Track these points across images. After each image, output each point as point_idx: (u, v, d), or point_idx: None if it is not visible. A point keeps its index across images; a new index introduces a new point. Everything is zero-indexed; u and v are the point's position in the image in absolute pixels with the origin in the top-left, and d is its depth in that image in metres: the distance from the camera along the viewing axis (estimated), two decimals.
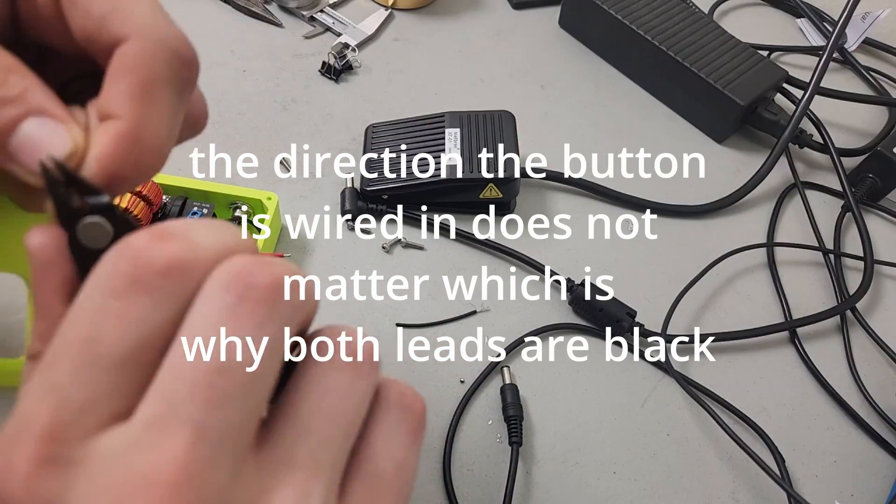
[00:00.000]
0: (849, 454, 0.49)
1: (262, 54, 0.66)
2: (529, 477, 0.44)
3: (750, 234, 0.61)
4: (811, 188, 0.66)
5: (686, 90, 0.67)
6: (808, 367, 0.53)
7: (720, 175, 0.65)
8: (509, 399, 0.46)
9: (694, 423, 0.48)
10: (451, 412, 0.46)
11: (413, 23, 0.73)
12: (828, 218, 0.63)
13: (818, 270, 0.59)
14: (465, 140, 0.56)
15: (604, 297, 0.51)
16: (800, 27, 0.83)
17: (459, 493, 0.43)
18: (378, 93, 0.65)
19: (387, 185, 0.54)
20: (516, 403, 0.46)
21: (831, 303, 0.56)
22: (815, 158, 0.68)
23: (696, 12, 0.72)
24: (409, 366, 0.48)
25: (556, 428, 0.47)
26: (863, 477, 0.48)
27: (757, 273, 0.58)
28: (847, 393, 0.51)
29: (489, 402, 0.47)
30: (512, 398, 0.46)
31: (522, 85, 0.69)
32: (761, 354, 0.53)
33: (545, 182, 0.60)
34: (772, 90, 0.67)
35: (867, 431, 0.50)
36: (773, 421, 0.49)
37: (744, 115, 0.65)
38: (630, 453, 0.46)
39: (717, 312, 0.55)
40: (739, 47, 0.68)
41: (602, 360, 0.51)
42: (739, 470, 0.46)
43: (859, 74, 0.78)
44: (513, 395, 0.46)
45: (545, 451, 0.46)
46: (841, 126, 0.72)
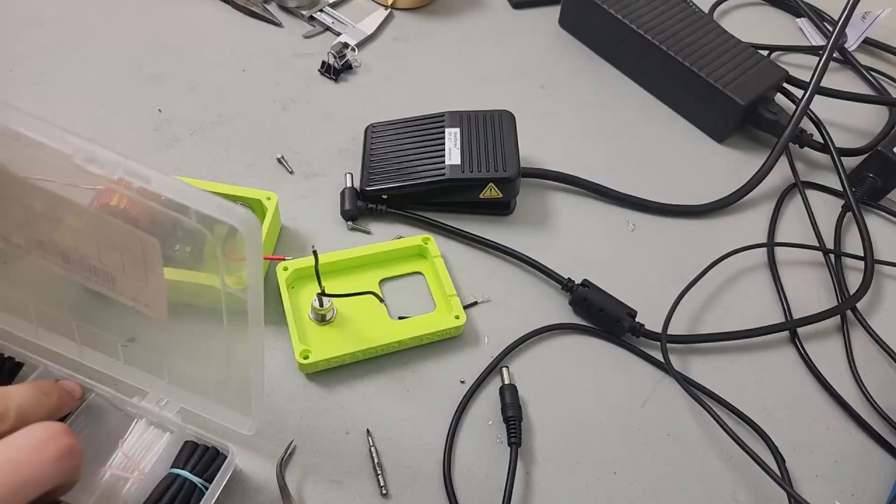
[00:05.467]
0: (849, 454, 0.49)
1: (262, 54, 0.66)
2: (529, 477, 0.44)
3: (750, 234, 0.61)
4: (811, 188, 0.66)
5: (686, 90, 0.67)
6: (808, 367, 0.52)
7: (720, 175, 0.65)
8: (508, 399, 0.46)
9: (694, 424, 0.48)
10: (451, 412, 0.46)
11: (413, 22, 0.73)
12: (828, 218, 0.63)
13: (818, 270, 0.59)
14: (465, 140, 0.56)
15: (604, 297, 0.51)
16: (800, 27, 0.83)
17: (459, 494, 0.43)
18: (378, 92, 0.65)
19: (387, 185, 0.54)
20: (515, 404, 0.45)
21: (831, 303, 0.56)
22: (816, 158, 0.68)
23: (697, 12, 0.72)
24: (410, 365, 0.48)
25: (556, 428, 0.47)
26: (863, 477, 0.48)
27: (757, 273, 0.58)
28: (847, 393, 0.51)
29: (489, 402, 0.47)
30: (511, 399, 0.46)
31: (522, 85, 0.69)
32: (761, 354, 0.53)
33: (545, 182, 0.60)
34: (772, 90, 0.67)
35: (867, 431, 0.50)
36: (774, 421, 0.49)
37: (744, 114, 0.65)
38: (630, 453, 0.46)
39: (717, 312, 0.55)
40: (740, 47, 0.68)
41: (602, 360, 0.50)
42: (740, 470, 0.46)
43: (859, 74, 0.78)
44: (512, 395, 0.46)
45: (545, 452, 0.45)
46: (841, 126, 0.72)
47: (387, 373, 0.47)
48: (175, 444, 0.40)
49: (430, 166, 0.54)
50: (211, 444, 0.40)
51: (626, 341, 0.51)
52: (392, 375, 0.47)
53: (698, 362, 0.52)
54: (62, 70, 0.61)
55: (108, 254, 0.34)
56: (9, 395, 0.30)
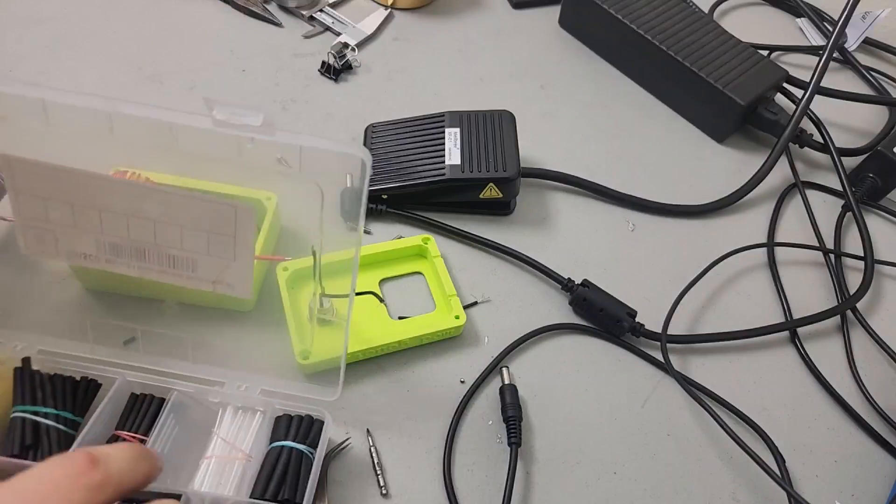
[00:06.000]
0: (849, 454, 0.49)
1: (262, 54, 0.66)
2: (529, 477, 0.44)
3: (750, 233, 0.61)
4: (811, 188, 0.66)
5: (686, 90, 0.67)
6: (808, 367, 0.52)
7: (720, 175, 0.65)
8: (508, 399, 0.46)
9: (694, 424, 0.48)
10: (451, 412, 0.46)
11: (413, 22, 0.73)
12: (828, 218, 0.63)
13: (818, 270, 0.59)
14: (465, 140, 0.56)
15: (604, 297, 0.51)
16: (800, 27, 0.83)
17: (459, 494, 0.43)
18: (378, 92, 0.65)
19: (387, 185, 0.54)
20: (515, 404, 0.45)
21: (831, 303, 0.56)
22: (816, 158, 0.68)
23: (697, 12, 0.72)
24: (410, 365, 0.48)
25: (556, 428, 0.47)
26: (863, 477, 0.48)
27: (757, 273, 0.58)
28: (847, 393, 0.51)
29: (489, 402, 0.47)
30: (511, 398, 0.46)
31: (522, 85, 0.69)
32: (762, 354, 0.53)
33: (545, 182, 0.60)
34: (772, 90, 0.67)
35: (868, 431, 0.50)
36: (774, 421, 0.49)
37: (744, 114, 0.65)
38: (630, 453, 0.46)
39: (717, 312, 0.55)
40: (740, 47, 0.68)
41: (602, 360, 0.50)
42: (740, 470, 0.46)
43: (859, 74, 0.78)
44: (512, 395, 0.46)
45: (545, 452, 0.45)
46: (841, 126, 0.72)
47: (387, 373, 0.47)
48: (268, 421, 0.41)
49: (430, 166, 0.54)
50: (304, 414, 0.41)
51: (626, 341, 0.51)
52: (392, 376, 0.47)
53: (698, 362, 0.52)
54: (62, 70, 0.61)
55: (192, 236, 0.35)
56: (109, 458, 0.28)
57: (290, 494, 0.38)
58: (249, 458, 0.40)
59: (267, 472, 0.39)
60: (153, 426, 0.40)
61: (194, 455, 0.40)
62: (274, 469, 0.39)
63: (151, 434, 0.39)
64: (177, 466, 0.40)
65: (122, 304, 0.46)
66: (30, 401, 0.39)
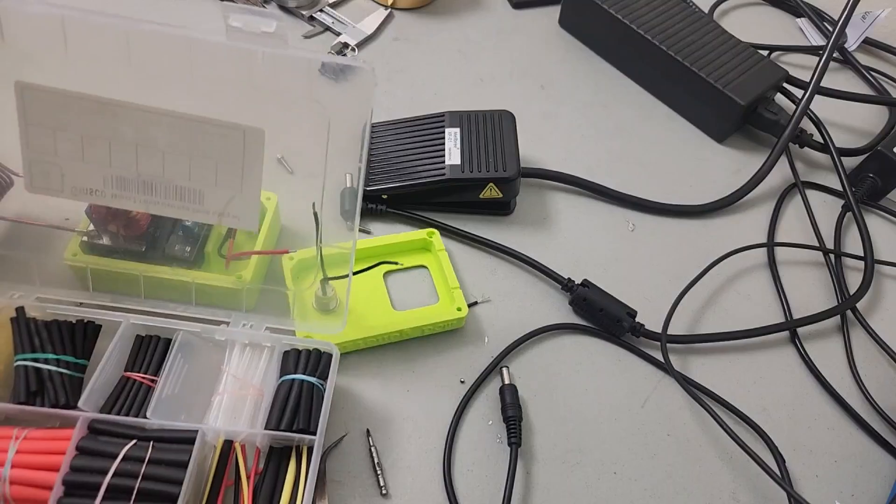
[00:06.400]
0: (849, 454, 0.49)
1: None
2: (529, 477, 0.44)
3: (750, 233, 0.61)
4: (811, 188, 0.66)
5: (686, 90, 0.67)
6: (808, 367, 0.52)
7: (720, 175, 0.65)
8: (508, 399, 0.46)
9: (694, 424, 0.48)
10: (451, 412, 0.46)
11: (413, 22, 0.73)
12: (828, 218, 0.63)
13: (818, 270, 0.59)
14: (465, 140, 0.56)
15: (604, 297, 0.51)
16: (800, 27, 0.83)
17: (459, 494, 0.43)
18: (378, 93, 0.65)
19: (386, 185, 0.54)
20: (515, 404, 0.45)
21: (832, 303, 0.56)
22: (816, 158, 0.68)
23: (696, 12, 0.72)
24: (410, 365, 0.48)
25: (556, 428, 0.47)
26: (863, 477, 0.48)
27: (757, 273, 0.58)
28: (847, 393, 0.51)
29: (489, 402, 0.47)
30: (511, 399, 0.46)
31: (522, 85, 0.69)
32: (762, 354, 0.53)
33: (545, 182, 0.60)
34: (772, 90, 0.67)
35: (868, 431, 0.50)
36: (774, 421, 0.49)
37: (744, 114, 0.65)
38: (630, 453, 0.46)
39: (717, 312, 0.55)
40: (740, 47, 0.68)
41: (602, 360, 0.50)
42: (740, 470, 0.46)
43: (859, 74, 0.78)
44: (512, 395, 0.46)
45: (545, 452, 0.45)
46: (841, 126, 0.72)
47: (387, 373, 0.47)
48: (276, 356, 0.42)
49: (430, 166, 0.54)
50: (312, 348, 0.42)
51: (626, 341, 0.51)
52: (392, 376, 0.47)
53: (698, 362, 0.52)
54: None
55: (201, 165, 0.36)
56: None
57: (304, 424, 0.39)
58: (261, 392, 0.41)
59: (280, 405, 0.39)
60: (162, 367, 0.40)
61: (205, 393, 0.41)
62: (286, 401, 0.39)
63: (161, 374, 0.40)
64: (190, 405, 0.41)
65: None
66: (29, 348, 0.40)
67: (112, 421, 0.38)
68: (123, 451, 0.36)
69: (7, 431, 0.37)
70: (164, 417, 0.39)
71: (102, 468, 0.36)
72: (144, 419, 0.38)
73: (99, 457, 0.36)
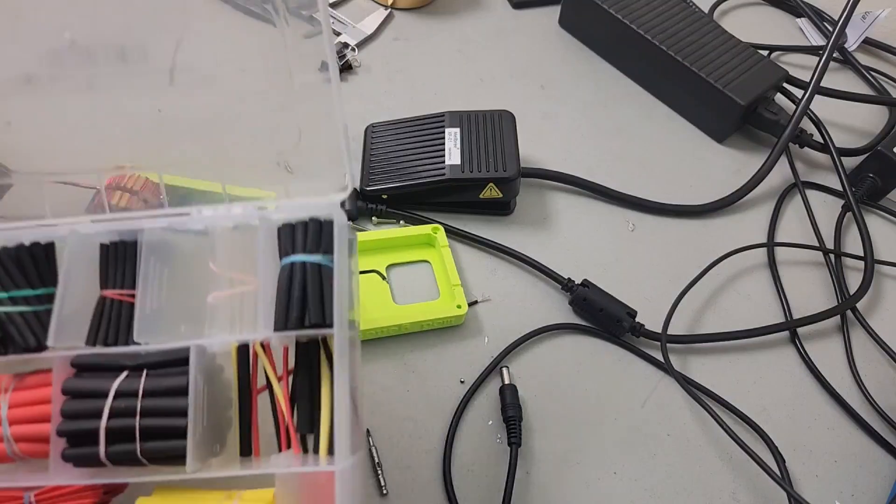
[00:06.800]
0: (849, 454, 0.49)
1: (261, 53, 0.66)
2: (529, 477, 0.44)
3: (750, 233, 0.61)
4: (811, 188, 0.66)
5: (686, 90, 0.67)
6: (808, 367, 0.52)
7: (720, 175, 0.65)
8: (508, 399, 0.46)
9: (694, 424, 0.48)
10: (451, 412, 0.46)
11: (413, 22, 0.73)
12: (828, 218, 0.63)
13: (818, 270, 0.59)
14: (465, 140, 0.56)
15: (604, 297, 0.51)
16: (800, 27, 0.83)
17: (459, 494, 0.43)
18: (378, 93, 0.65)
19: (387, 185, 0.54)
20: (515, 404, 0.45)
21: (832, 303, 0.56)
22: (816, 158, 0.68)
23: (696, 12, 0.72)
24: (410, 365, 0.48)
25: (556, 428, 0.47)
26: (863, 477, 0.48)
27: (757, 273, 0.58)
28: (847, 393, 0.51)
29: (489, 402, 0.47)
30: (511, 398, 0.46)
31: (522, 85, 0.69)
32: (761, 354, 0.53)
33: (545, 182, 0.60)
34: (772, 90, 0.67)
35: (867, 431, 0.50)
36: (774, 421, 0.49)
37: (744, 114, 0.65)
38: (630, 453, 0.46)
39: (717, 312, 0.55)
40: (739, 47, 0.68)
41: (602, 360, 0.50)
42: (740, 470, 0.46)
43: (859, 74, 0.78)
44: (512, 395, 0.46)
45: (545, 452, 0.45)
46: (841, 126, 0.72)
47: (387, 373, 0.47)
48: (269, 237, 0.34)
49: (431, 166, 0.54)
50: (309, 217, 0.34)
51: (626, 341, 0.51)
52: (392, 376, 0.47)
53: (698, 362, 0.52)
54: None
55: None
56: None
57: (316, 318, 0.32)
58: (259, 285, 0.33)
59: (283, 299, 0.32)
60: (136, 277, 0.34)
61: (199, 297, 0.34)
62: (290, 293, 0.32)
63: (137, 286, 0.33)
64: (183, 316, 0.34)
65: None
66: None
67: (94, 353, 0.32)
68: (113, 388, 0.30)
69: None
70: (154, 337, 0.32)
71: (95, 410, 0.30)
72: (135, 345, 0.32)
73: (89, 398, 0.31)
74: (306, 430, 0.32)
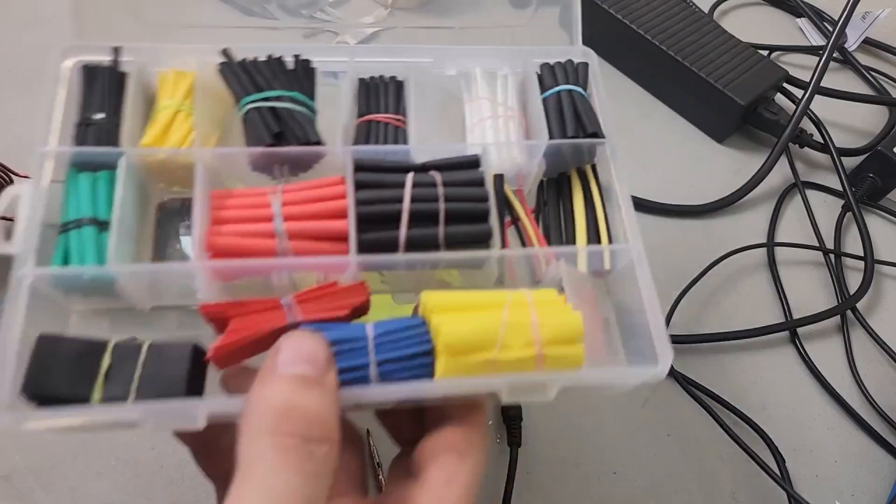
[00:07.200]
0: (849, 454, 0.49)
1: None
2: (529, 477, 0.44)
3: (750, 233, 0.61)
4: (811, 188, 0.66)
5: (686, 90, 0.67)
6: (808, 367, 0.52)
7: (720, 175, 0.65)
8: None
9: (694, 424, 0.48)
10: None
11: (413, 22, 0.73)
12: (828, 218, 0.63)
13: (818, 270, 0.59)
14: None
15: None
16: (800, 27, 0.83)
17: None
18: None
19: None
20: (515, 404, 0.45)
21: (832, 302, 0.56)
22: (816, 158, 0.68)
23: (696, 12, 0.72)
24: None
25: (556, 428, 0.47)
26: (863, 477, 0.48)
27: (757, 273, 0.58)
28: (847, 393, 0.51)
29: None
30: None
31: None
32: (761, 354, 0.53)
33: None
34: (772, 90, 0.67)
35: (867, 431, 0.50)
36: (774, 421, 0.49)
37: (744, 114, 0.65)
38: (630, 454, 0.46)
39: (717, 312, 0.55)
40: (739, 47, 0.68)
41: None
42: (740, 470, 0.46)
43: (859, 74, 0.78)
44: None
45: (545, 452, 0.45)
46: (841, 126, 0.72)
47: None
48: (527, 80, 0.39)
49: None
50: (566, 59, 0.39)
51: None
52: None
53: (698, 362, 0.51)
54: None
55: None
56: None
57: (593, 127, 0.37)
58: (520, 114, 0.37)
59: (555, 115, 0.36)
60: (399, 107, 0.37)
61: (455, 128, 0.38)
62: (561, 111, 0.37)
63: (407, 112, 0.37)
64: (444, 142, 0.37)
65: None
66: (253, 89, 0.34)
67: (374, 152, 0.34)
68: (409, 178, 0.31)
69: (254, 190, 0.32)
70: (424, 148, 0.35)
71: (393, 197, 0.31)
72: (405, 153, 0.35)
73: (383, 188, 0.32)
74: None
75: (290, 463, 0.22)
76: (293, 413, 0.22)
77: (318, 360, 0.24)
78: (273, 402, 0.23)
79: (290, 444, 0.22)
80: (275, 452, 0.22)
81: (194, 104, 0.35)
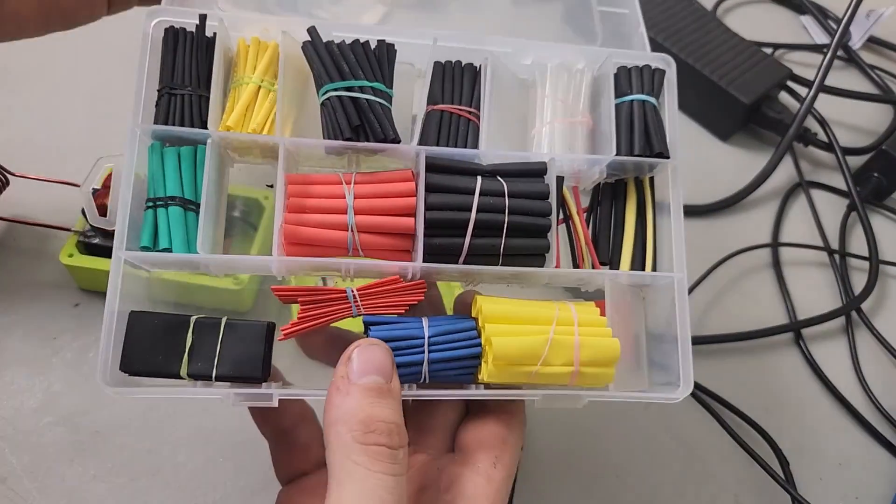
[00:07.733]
0: (854, 457, 0.48)
1: None
2: (529, 477, 0.44)
3: (755, 233, 0.60)
4: (816, 187, 0.65)
5: (690, 88, 0.66)
6: (812, 369, 0.52)
7: (725, 173, 0.64)
8: None
9: (697, 425, 0.48)
10: None
11: (413, 18, 0.72)
12: (833, 217, 0.63)
13: (823, 270, 0.59)
14: None
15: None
16: (804, 25, 0.83)
17: None
18: None
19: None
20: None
21: (836, 303, 0.56)
22: (820, 157, 0.68)
23: (700, 10, 0.71)
24: None
25: (556, 429, 0.46)
26: (868, 480, 0.47)
27: (761, 273, 0.57)
28: (852, 395, 0.51)
29: None
30: None
31: None
32: (765, 356, 0.52)
33: None
34: (776, 88, 0.66)
35: (872, 434, 0.49)
36: (778, 423, 0.49)
37: (748, 113, 0.64)
38: (632, 455, 0.46)
39: (721, 313, 0.54)
40: (743, 45, 0.68)
41: None
42: (743, 473, 0.46)
43: (864, 72, 0.77)
44: None
45: (545, 452, 0.45)
46: (846, 124, 0.71)
47: None
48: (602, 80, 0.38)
49: None
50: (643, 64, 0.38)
51: None
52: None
53: (702, 363, 0.51)
54: (61, 68, 0.61)
55: None
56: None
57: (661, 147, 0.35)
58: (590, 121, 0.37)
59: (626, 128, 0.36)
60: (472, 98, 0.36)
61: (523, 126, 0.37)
62: (631, 124, 0.36)
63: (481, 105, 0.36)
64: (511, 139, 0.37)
65: None
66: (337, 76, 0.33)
67: (448, 155, 0.33)
68: (478, 185, 0.32)
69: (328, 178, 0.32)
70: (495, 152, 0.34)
71: (461, 204, 0.32)
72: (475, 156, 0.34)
73: (451, 192, 0.32)
74: (604, 259, 0.36)
75: (383, 467, 0.26)
76: (376, 425, 0.27)
77: (386, 369, 0.28)
78: (358, 416, 0.27)
79: (379, 452, 0.26)
80: (368, 459, 0.26)
81: (278, 84, 0.34)
